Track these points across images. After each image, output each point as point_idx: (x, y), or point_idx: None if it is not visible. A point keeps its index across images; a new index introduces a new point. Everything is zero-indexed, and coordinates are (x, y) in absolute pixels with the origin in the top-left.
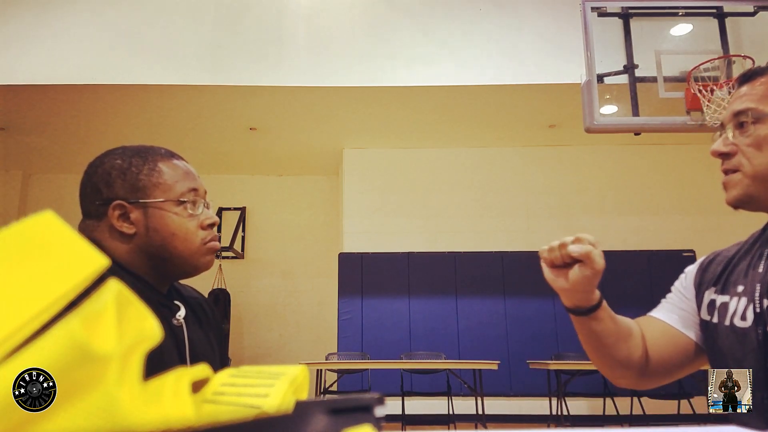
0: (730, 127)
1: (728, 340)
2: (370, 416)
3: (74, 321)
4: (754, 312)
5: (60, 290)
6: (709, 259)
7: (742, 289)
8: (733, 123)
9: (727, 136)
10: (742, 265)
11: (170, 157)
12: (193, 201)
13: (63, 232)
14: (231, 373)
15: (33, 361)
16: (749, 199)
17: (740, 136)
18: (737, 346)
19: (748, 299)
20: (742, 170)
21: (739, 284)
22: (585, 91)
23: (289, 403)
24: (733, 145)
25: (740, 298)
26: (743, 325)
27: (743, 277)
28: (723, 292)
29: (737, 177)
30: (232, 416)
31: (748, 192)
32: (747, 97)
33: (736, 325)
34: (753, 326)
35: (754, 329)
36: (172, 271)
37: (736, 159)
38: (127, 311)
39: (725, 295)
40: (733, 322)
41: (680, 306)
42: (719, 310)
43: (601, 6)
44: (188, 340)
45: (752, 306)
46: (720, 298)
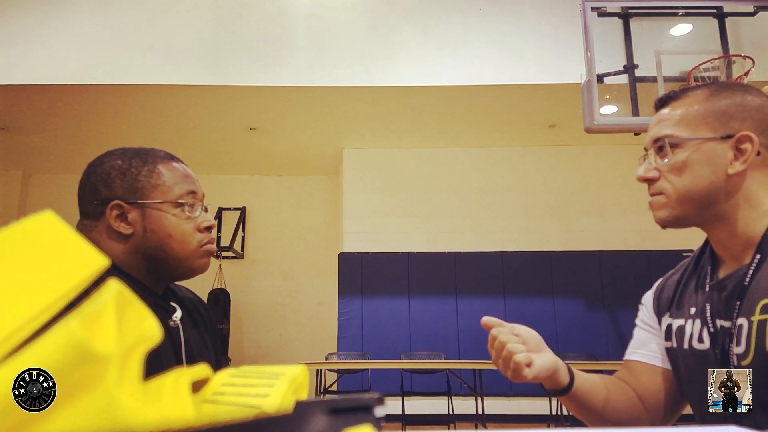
0: (651, 152)
1: (689, 364)
2: (370, 416)
3: (74, 321)
4: (709, 333)
5: (60, 290)
6: (661, 285)
7: (695, 310)
8: (653, 148)
9: (649, 161)
10: (690, 285)
11: (170, 159)
12: (191, 203)
13: (63, 232)
14: (231, 373)
15: (33, 361)
16: (676, 221)
17: (661, 161)
18: (698, 368)
19: (701, 321)
20: (665, 194)
21: (690, 306)
22: (585, 91)
23: (289, 403)
24: (655, 170)
25: (694, 321)
26: (702, 348)
27: (693, 298)
28: (677, 316)
29: (662, 200)
30: (232, 416)
31: (674, 214)
32: (664, 123)
33: (695, 348)
34: (711, 348)
35: (712, 351)
36: (168, 273)
37: (659, 183)
38: (127, 311)
39: (680, 319)
40: (692, 345)
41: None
42: (676, 335)
43: (601, 6)
44: (184, 342)
45: (706, 327)
46: (676, 322)
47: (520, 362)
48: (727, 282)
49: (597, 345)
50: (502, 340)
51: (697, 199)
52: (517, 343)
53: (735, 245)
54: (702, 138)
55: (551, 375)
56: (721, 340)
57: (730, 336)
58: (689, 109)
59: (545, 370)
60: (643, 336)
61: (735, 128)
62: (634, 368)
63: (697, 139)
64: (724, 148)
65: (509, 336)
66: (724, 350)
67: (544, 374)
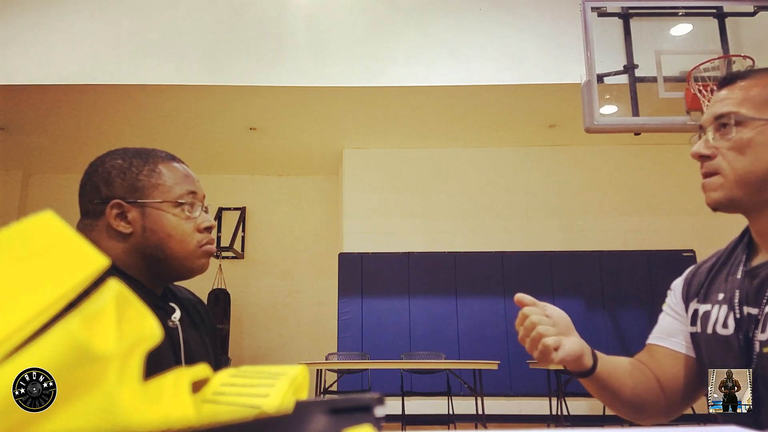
0: (710, 130)
1: (712, 349)
2: (370, 416)
3: (74, 321)
4: (735, 319)
5: (60, 290)
6: (692, 272)
7: (723, 296)
8: (713, 126)
9: (707, 138)
10: (722, 273)
11: (170, 159)
12: (191, 203)
13: (63, 232)
14: (231, 373)
15: (33, 361)
16: (729, 203)
17: (721, 139)
18: (720, 353)
19: (729, 306)
20: (722, 173)
21: (719, 292)
22: (585, 91)
23: (289, 403)
24: (714, 147)
25: (721, 306)
26: (725, 333)
27: (723, 285)
28: (705, 301)
29: (718, 180)
30: (232, 416)
31: (729, 195)
32: (728, 100)
33: (718, 333)
34: (734, 333)
35: (735, 336)
36: (167, 273)
37: (716, 162)
38: (127, 311)
39: (707, 304)
40: (716, 330)
41: (675, 327)
42: (701, 319)
43: (601, 6)
44: (183, 342)
45: (732, 313)
46: (702, 308)
47: (548, 346)
48: (760, 270)
49: (597, 345)
50: (533, 320)
51: (754, 182)
52: (548, 325)
53: None
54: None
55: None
56: (746, 326)
57: (756, 323)
58: (756, 90)
59: (572, 355)
60: (668, 322)
61: None
62: (656, 353)
63: (763, 120)
64: None
65: (541, 317)
66: (748, 336)
67: (570, 359)
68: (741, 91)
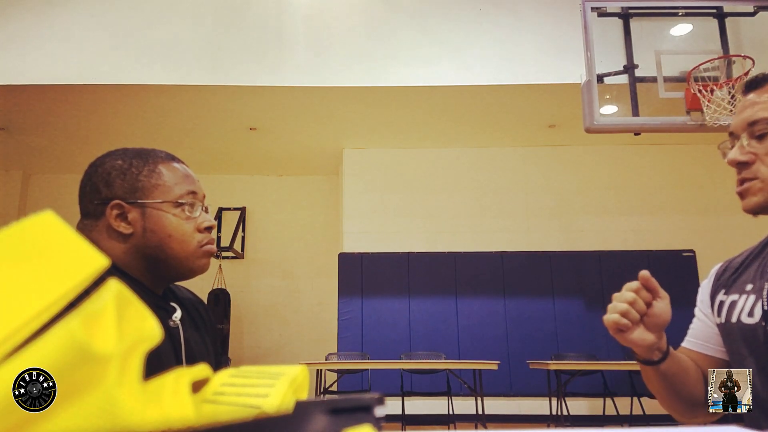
0: (744, 136)
1: (734, 337)
2: (370, 416)
3: (74, 321)
4: (762, 309)
5: (60, 290)
6: (724, 266)
7: (751, 287)
8: (747, 132)
9: (742, 144)
10: (753, 265)
11: (171, 160)
12: (191, 204)
13: (63, 232)
14: (231, 373)
15: (33, 361)
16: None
17: (758, 144)
18: (743, 342)
19: (756, 296)
20: (761, 178)
21: (748, 283)
22: (585, 91)
23: (289, 403)
24: (751, 153)
25: (748, 296)
26: (750, 322)
27: (753, 276)
28: (732, 292)
29: (757, 185)
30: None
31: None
32: (760, 106)
33: (743, 322)
34: (760, 322)
35: (761, 325)
36: (167, 273)
37: (755, 167)
38: (127, 311)
39: (734, 294)
40: (741, 319)
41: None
42: (727, 309)
43: (601, 6)
44: (184, 342)
45: (760, 303)
46: (729, 298)
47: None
48: None
49: (597, 345)
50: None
51: None
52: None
53: None
54: None
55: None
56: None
57: None
58: None
59: (635, 345)
60: (696, 325)
61: None
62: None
63: None
64: None
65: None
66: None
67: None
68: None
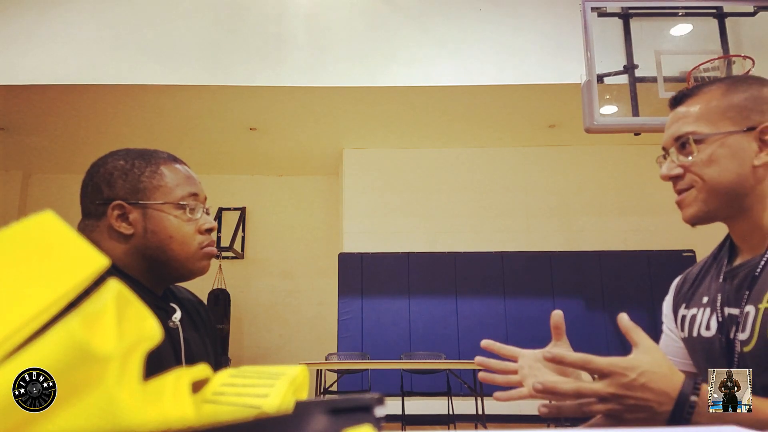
0: (673, 151)
1: (695, 351)
2: (370, 416)
3: (74, 321)
4: (717, 321)
5: (60, 290)
6: (682, 279)
7: (706, 299)
8: (675, 146)
9: (672, 159)
10: (707, 277)
11: (173, 161)
12: (193, 205)
13: (63, 232)
14: (231, 373)
15: (33, 361)
16: (706, 215)
17: (684, 158)
18: (703, 355)
19: (712, 309)
20: (695, 187)
21: (704, 296)
22: (585, 91)
23: (289, 403)
24: (680, 166)
25: (705, 309)
26: (708, 335)
27: (707, 289)
28: (691, 306)
29: (693, 194)
30: (232, 416)
31: (704, 208)
32: (683, 120)
33: (702, 335)
34: (716, 335)
35: (717, 338)
36: (168, 274)
37: (687, 178)
38: (127, 311)
39: (693, 308)
40: (699, 333)
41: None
42: (689, 324)
43: (601, 6)
44: (184, 342)
45: (715, 315)
46: (689, 312)
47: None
48: (739, 270)
49: (597, 345)
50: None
51: (725, 193)
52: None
53: (755, 237)
54: (725, 132)
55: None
56: (728, 327)
57: (737, 323)
58: (708, 105)
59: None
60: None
61: (756, 120)
62: None
63: (720, 134)
64: (748, 141)
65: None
66: (729, 337)
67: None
68: (694, 108)
